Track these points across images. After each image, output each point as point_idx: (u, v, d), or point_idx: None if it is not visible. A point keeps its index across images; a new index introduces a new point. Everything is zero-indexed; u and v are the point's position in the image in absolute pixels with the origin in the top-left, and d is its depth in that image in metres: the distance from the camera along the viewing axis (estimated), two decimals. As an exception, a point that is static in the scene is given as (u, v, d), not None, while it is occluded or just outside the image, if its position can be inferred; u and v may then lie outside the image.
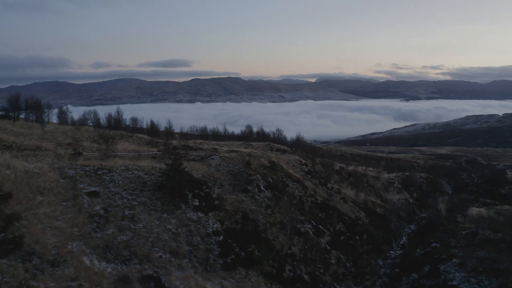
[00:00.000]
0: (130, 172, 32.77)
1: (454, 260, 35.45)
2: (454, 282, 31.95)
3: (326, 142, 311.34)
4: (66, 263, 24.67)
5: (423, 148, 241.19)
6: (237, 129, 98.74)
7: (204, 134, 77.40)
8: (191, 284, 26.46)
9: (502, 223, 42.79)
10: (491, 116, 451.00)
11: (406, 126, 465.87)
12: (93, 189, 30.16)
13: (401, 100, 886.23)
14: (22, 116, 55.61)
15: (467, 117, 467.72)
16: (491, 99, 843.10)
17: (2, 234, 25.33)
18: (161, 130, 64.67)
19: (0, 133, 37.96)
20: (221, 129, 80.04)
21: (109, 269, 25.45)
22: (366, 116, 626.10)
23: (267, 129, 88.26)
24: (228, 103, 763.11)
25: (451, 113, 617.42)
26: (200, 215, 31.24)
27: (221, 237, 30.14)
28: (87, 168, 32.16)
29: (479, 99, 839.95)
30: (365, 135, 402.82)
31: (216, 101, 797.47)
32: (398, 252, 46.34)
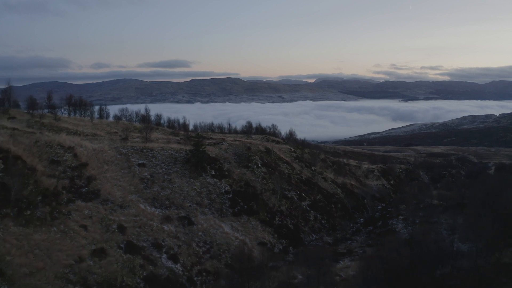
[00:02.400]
0: (165, 151, 45.69)
1: (400, 217, 48.30)
2: (397, 229, 44.79)
3: (324, 142, 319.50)
4: (129, 207, 37.57)
5: (418, 148, 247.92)
6: (237, 127, 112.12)
7: (211, 129, 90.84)
8: (211, 223, 39.38)
9: (445, 196, 55.48)
10: (488, 116, 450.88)
11: (403, 126, 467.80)
12: (141, 161, 43.07)
13: (399, 101, 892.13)
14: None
15: (464, 118, 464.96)
16: (489, 99, 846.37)
17: (86, 188, 38.25)
18: (175, 125, 77.78)
19: (65, 124, 50.90)
20: (225, 125, 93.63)
21: (157, 212, 38.35)
22: (364, 116, 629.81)
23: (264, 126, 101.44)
24: (227, 103, 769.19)
25: (448, 113, 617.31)
26: (216, 181, 44.19)
27: (230, 195, 43.06)
28: (135, 148, 45.08)
29: (477, 99, 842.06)
30: (363, 135, 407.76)
31: (215, 102, 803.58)
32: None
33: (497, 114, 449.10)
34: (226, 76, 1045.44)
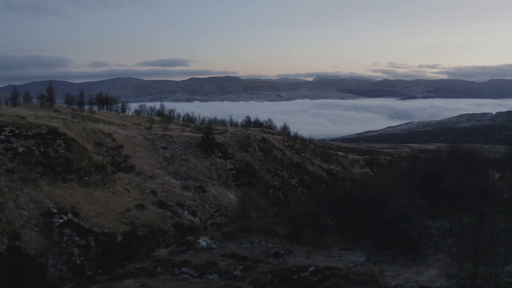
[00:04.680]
0: (182, 137, 57.41)
1: (370, 191, 60.01)
2: (365, 200, 56.51)
3: (322, 140, 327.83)
4: (157, 178, 49.21)
5: (413, 145, 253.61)
6: (238, 122, 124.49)
7: (215, 123, 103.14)
8: (219, 191, 51.08)
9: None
10: (484, 114, 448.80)
11: (400, 125, 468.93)
12: (164, 145, 54.76)
13: (397, 99, 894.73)
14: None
15: (461, 116, 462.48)
16: (487, 98, 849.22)
17: (124, 164, 49.88)
18: (185, 118, 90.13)
19: (99, 116, 62.69)
20: (227, 119, 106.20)
21: (178, 182, 50.01)
22: (361, 115, 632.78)
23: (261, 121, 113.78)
24: (225, 102, 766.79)
25: (445, 111, 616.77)
26: (222, 160, 55.94)
27: (234, 171, 54.78)
28: (158, 135, 56.77)
29: (475, 98, 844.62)
30: (360, 133, 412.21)
31: (214, 100, 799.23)
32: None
33: (494, 113, 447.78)
34: (224, 75, 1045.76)
